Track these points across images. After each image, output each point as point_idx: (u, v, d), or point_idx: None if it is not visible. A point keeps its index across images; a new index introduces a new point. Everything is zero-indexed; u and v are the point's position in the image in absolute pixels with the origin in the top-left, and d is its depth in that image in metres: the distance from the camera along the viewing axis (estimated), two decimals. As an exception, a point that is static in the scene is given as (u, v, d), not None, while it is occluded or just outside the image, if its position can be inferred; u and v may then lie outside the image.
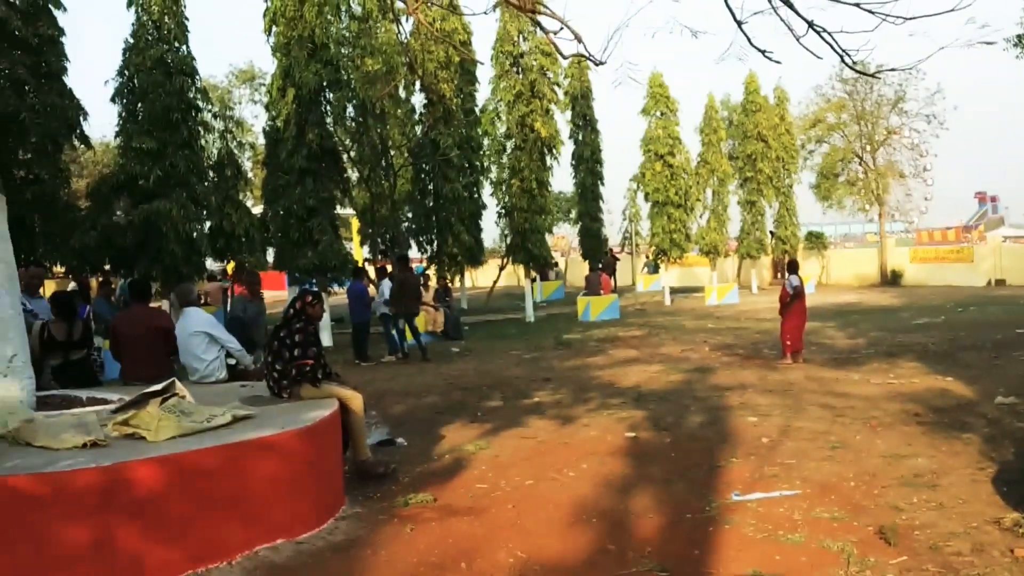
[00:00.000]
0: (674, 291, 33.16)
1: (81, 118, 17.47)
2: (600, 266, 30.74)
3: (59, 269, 20.37)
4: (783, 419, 9.13)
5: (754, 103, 34.24)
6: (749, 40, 6.06)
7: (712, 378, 12.37)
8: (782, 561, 4.99)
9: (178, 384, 6.11)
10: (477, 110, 27.18)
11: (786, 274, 14.63)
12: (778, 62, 6.16)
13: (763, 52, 6.08)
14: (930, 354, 13.94)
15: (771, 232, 34.91)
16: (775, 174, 34.33)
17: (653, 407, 10.10)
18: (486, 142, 28.22)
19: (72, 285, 18.27)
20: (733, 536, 5.45)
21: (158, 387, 5.91)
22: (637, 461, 7.52)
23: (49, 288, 16.95)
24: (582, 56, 6.28)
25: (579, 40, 6.12)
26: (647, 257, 39.48)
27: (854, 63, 6.69)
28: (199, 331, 8.32)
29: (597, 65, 6.09)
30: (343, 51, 19.96)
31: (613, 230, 42.97)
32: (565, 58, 7.06)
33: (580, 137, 33.46)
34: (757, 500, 6.18)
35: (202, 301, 24.79)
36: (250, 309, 11.86)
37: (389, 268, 18.23)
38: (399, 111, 24.96)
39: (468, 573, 4.98)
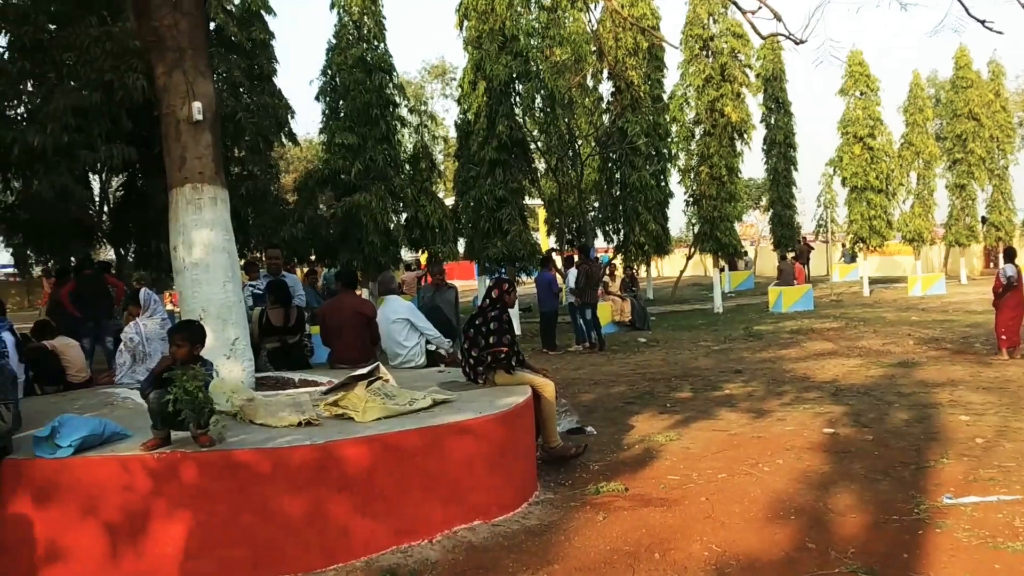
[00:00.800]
0: (873, 281, 31.49)
1: (289, 117, 18.64)
2: (793, 255, 29.66)
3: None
4: (1000, 419, 8.50)
5: (965, 79, 31.92)
6: (967, 9, 5.67)
7: (918, 373, 11.68)
8: (1001, 570, 4.66)
9: (382, 368, 6.42)
10: (665, 96, 26.79)
11: (1000, 263, 13.59)
12: (999, 32, 5.73)
13: (982, 22, 5.67)
14: None
15: (983, 218, 32.44)
16: (988, 155, 31.85)
17: (853, 402, 9.66)
18: (674, 129, 27.78)
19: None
20: (945, 540, 5.13)
21: (364, 371, 6.22)
22: (836, 458, 7.22)
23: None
24: (781, 36, 6.08)
25: (778, 19, 5.93)
26: (844, 245, 37.69)
27: (1088, 32, 6.13)
28: (401, 318, 8.69)
29: (797, 44, 5.88)
30: (532, 42, 20.19)
31: (806, 217, 41.35)
32: (763, 39, 6.86)
33: (772, 120, 32.35)
34: (972, 504, 5.79)
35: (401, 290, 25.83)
36: (426, 295, 12.31)
37: (576, 257, 18.36)
38: (587, 100, 24.98)
39: (662, 563, 4.95)
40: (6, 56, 13.86)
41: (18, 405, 5.79)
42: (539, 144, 24.47)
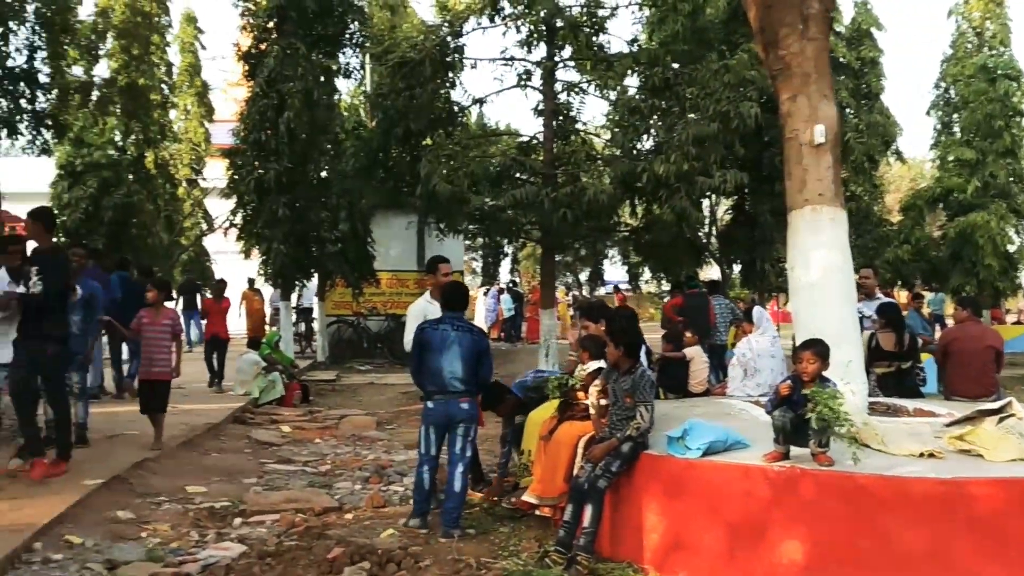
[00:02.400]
0: None
1: (898, 134, 18.07)
2: None
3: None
4: None
5: None
6: None
7: None
8: None
9: (1015, 404, 5.83)
10: None
11: None
12: None
13: None
14: None
15: None
16: None
17: None
18: None
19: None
20: None
21: (994, 405, 5.74)
22: None
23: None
24: None
25: None
26: None
27: None
28: None
29: None
30: None
31: None
32: None
33: None
34: None
35: (1016, 320, 23.39)
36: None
37: None
38: None
39: None
40: (638, 96, 15.63)
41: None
42: None
